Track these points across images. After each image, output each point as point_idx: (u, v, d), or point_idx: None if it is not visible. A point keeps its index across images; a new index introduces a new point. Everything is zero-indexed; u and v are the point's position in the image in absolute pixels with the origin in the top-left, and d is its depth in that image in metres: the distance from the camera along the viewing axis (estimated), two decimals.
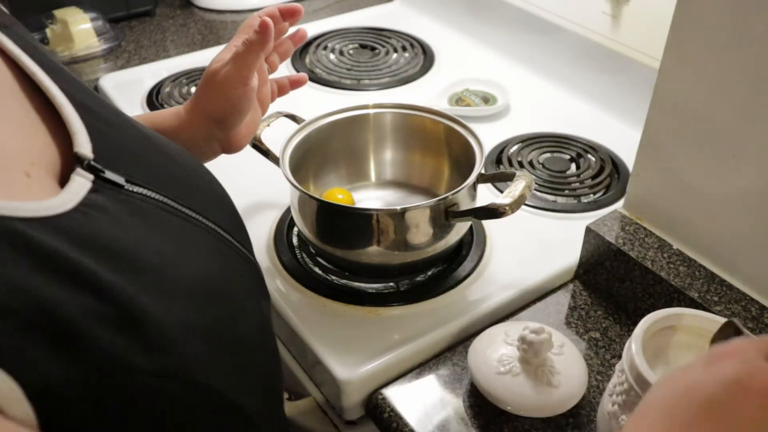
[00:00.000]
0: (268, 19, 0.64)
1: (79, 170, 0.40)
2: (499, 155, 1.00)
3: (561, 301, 0.79)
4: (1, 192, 0.35)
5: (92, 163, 0.41)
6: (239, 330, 0.45)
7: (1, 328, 0.30)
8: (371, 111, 0.88)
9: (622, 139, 1.02)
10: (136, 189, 0.43)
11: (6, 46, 0.43)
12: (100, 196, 0.40)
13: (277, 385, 0.53)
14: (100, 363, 0.33)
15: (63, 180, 0.40)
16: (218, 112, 0.68)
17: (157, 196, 0.44)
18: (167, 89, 1.16)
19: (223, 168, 1.06)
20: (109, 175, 0.41)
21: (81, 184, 0.40)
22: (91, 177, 0.40)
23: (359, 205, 0.87)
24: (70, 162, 0.41)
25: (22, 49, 0.44)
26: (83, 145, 0.41)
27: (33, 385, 0.30)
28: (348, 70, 1.24)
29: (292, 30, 0.75)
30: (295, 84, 0.80)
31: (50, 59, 0.46)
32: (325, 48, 1.31)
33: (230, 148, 0.72)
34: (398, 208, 0.72)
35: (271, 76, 0.77)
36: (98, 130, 0.44)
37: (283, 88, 0.79)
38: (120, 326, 0.35)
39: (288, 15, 0.71)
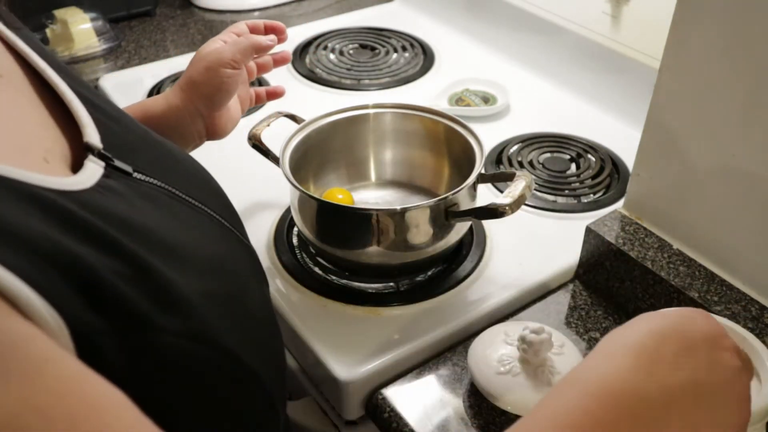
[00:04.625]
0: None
1: (91, 157, 0.43)
2: (499, 155, 1.00)
3: (561, 301, 0.79)
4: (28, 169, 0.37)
5: (102, 151, 0.43)
6: (247, 305, 0.48)
7: (48, 275, 0.32)
8: (371, 111, 0.88)
9: (622, 139, 1.02)
10: (142, 177, 0.46)
11: (17, 45, 0.46)
12: (112, 181, 0.43)
13: (282, 362, 0.55)
14: (128, 319, 0.36)
15: (74, 170, 0.42)
16: (206, 87, 0.72)
17: (163, 185, 0.47)
18: (167, 89, 1.16)
19: (224, 168, 1.06)
20: (118, 163, 0.44)
21: (94, 169, 0.42)
22: (103, 164, 0.43)
23: (359, 205, 0.87)
24: (79, 153, 0.43)
25: (32, 48, 0.46)
26: (92, 136, 0.44)
27: (76, 327, 0.33)
28: (348, 70, 1.24)
29: (278, 48, 0.80)
30: (272, 95, 0.85)
31: (56, 59, 0.49)
32: (325, 48, 1.31)
33: (214, 131, 0.76)
34: (398, 208, 0.72)
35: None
36: (104, 124, 0.46)
37: (260, 97, 0.85)
38: (143, 288, 0.37)
39: (270, 30, 0.78)
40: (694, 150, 0.69)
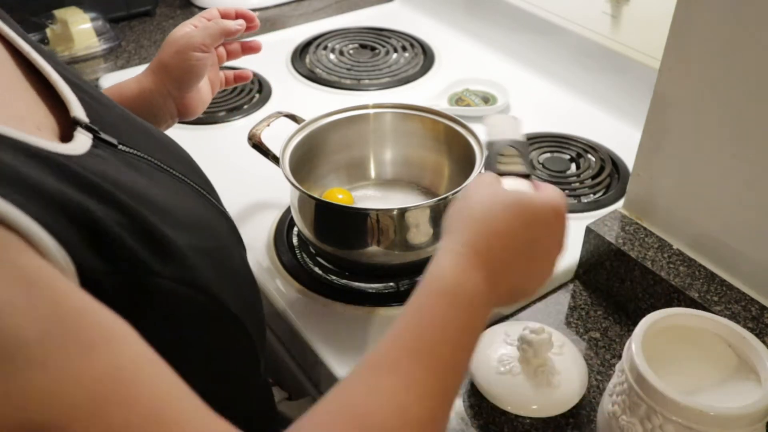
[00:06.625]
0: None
1: (79, 129, 0.46)
2: None
3: (561, 301, 0.79)
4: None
5: (89, 125, 0.46)
6: (230, 261, 0.53)
7: (57, 220, 0.36)
8: (371, 111, 0.88)
9: (622, 139, 1.02)
10: (126, 149, 0.49)
11: (3, 30, 0.48)
12: (100, 150, 0.46)
13: (261, 315, 0.60)
14: (130, 264, 0.40)
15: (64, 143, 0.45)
16: (176, 70, 0.74)
17: (145, 156, 0.51)
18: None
19: (224, 168, 1.06)
20: (104, 135, 0.47)
21: (84, 139, 0.45)
22: (91, 135, 0.46)
23: (359, 205, 0.87)
24: (66, 130, 0.46)
25: (18, 35, 0.49)
26: (78, 111, 0.47)
27: (84, 269, 0.37)
28: (348, 70, 1.24)
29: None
30: (239, 78, 0.85)
31: (40, 45, 0.51)
32: (325, 48, 1.31)
33: (185, 111, 0.78)
34: (398, 208, 0.72)
35: None
36: (87, 103, 0.49)
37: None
38: (142, 238, 0.41)
39: (241, 17, 0.79)
40: (694, 150, 0.69)
